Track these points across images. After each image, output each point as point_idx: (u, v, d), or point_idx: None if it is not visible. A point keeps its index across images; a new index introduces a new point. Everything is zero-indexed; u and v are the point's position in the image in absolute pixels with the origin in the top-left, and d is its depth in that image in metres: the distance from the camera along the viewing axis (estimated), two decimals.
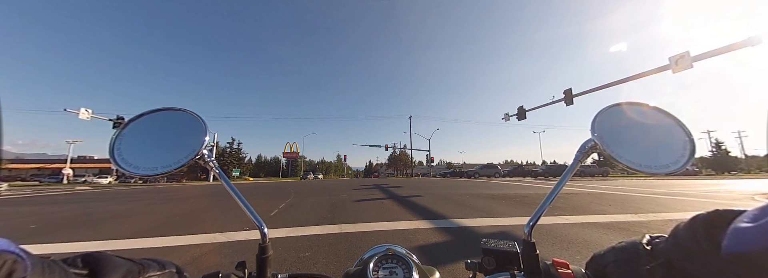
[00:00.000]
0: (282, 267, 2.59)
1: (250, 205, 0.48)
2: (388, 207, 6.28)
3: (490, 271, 0.45)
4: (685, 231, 0.29)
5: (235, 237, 3.71)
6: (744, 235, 0.22)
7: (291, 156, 41.55)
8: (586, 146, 0.45)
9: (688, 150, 0.41)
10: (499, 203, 6.71)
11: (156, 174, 0.43)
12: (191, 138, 0.46)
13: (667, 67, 9.83)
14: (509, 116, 19.44)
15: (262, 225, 0.47)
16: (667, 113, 0.45)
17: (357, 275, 0.47)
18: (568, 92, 14.52)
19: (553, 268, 0.39)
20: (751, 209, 0.24)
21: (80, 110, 16.24)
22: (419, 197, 8.33)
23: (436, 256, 2.84)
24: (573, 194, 8.57)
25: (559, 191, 0.46)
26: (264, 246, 0.45)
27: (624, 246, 0.35)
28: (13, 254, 0.19)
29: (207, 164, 0.46)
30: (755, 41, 7.77)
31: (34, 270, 0.20)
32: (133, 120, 0.47)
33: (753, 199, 8.03)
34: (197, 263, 2.79)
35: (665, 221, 4.61)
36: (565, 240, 3.38)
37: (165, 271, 0.33)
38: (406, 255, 0.51)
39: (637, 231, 3.91)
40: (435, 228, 4.08)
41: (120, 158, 0.43)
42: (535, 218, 0.45)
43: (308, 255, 2.92)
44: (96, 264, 0.27)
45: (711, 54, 8.88)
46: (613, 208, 5.92)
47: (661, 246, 0.31)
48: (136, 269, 0.29)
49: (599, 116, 0.45)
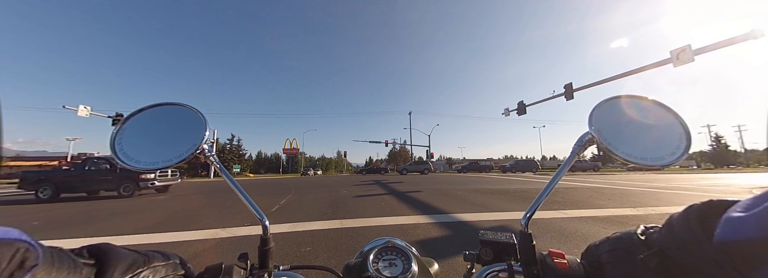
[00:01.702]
0: (284, 261, 2.60)
1: (252, 199, 0.49)
2: (389, 203, 6.32)
3: (487, 262, 0.45)
4: (679, 221, 0.29)
5: (237, 232, 3.74)
6: (736, 224, 0.23)
7: (291, 153, 41.61)
8: (584, 140, 0.45)
9: (684, 143, 0.41)
10: (499, 198, 6.75)
11: (157, 168, 0.43)
12: (192, 133, 0.46)
13: (668, 61, 9.78)
14: (509, 111, 19.43)
15: (263, 219, 0.47)
16: (664, 106, 0.45)
17: (357, 266, 0.48)
18: (568, 86, 14.48)
19: (549, 258, 0.40)
20: (745, 199, 0.24)
21: (79, 107, 16.20)
22: (419, 192, 8.38)
23: (435, 249, 2.88)
24: (572, 189, 8.62)
25: (556, 183, 0.47)
26: (266, 238, 0.46)
27: (619, 236, 0.36)
28: (25, 243, 0.21)
29: (208, 159, 0.47)
30: (757, 34, 7.72)
31: (44, 258, 0.21)
32: (134, 115, 0.47)
33: (751, 192, 8.03)
34: (200, 257, 2.82)
35: (663, 214, 4.65)
36: (564, 233, 3.41)
37: (169, 262, 0.34)
38: (406, 247, 0.52)
39: (635, 225, 3.94)
40: (434, 223, 4.11)
41: (121, 152, 0.43)
42: (532, 210, 0.45)
43: (309, 249, 2.95)
44: (102, 254, 0.28)
45: (712, 47, 8.82)
46: (611, 202, 5.96)
47: (656, 236, 0.32)
48: (141, 259, 0.30)
49: (597, 110, 0.45)
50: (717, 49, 8.75)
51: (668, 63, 9.82)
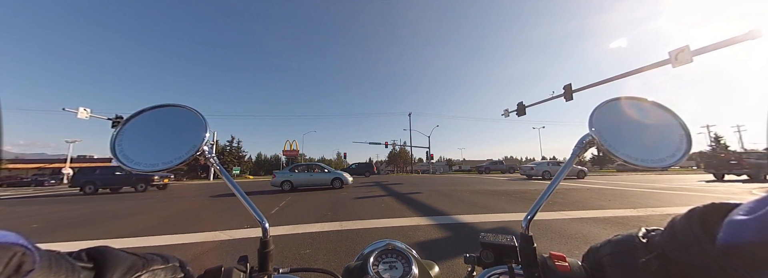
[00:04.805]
0: (283, 263, 2.58)
1: (252, 201, 0.49)
2: (389, 204, 6.31)
3: (488, 264, 0.45)
4: (682, 224, 0.29)
5: (237, 234, 3.73)
6: (739, 227, 0.23)
7: (291, 154, 41.45)
8: (584, 141, 0.45)
9: (685, 144, 0.41)
10: (499, 200, 6.74)
11: (157, 170, 0.43)
12: (191, 134, 0.46)
13: (667, 62, 9.79)
14: (509, 112, 19.40)
15: (263, 221, 0.47)
16: (664, 107, 0.45)
17: (357, 269, 0.48)
18: (567, 87, 14.48)
19: (550, 261, 0.40)
20: (747, 202, 0.24)
21: (79, 110, 16.17)
22: (419, 194, 8.36)
23: (435, 252, 2.87)
24: (572, 190, 8.61)
25: (557, 186, 0.47)
26: (265, 240, 0.46)
27: (620, 238, 0.36)
28: (22, 247, 0.20)
29: (208, 160, 0.47)
30: (755, 34, 7.73)
31: (41, 262, 0.21)
32: (134, 117, 0.47)
33: (751, 193, 8.07)
34: (199, 260, 2.81)
35: (663, 215, 4.64)
36: (564, 234, 3.40)
37: (168, 265, 0.33)
38: (406, 249, 0.52)
39: (635, 226, 3.89)
40: (434, 225, 4.10)
41: (121, 154, 0.43)
42: (533, 212, 0.45)
43: (309, 251, 2.94)
44: (101, 257, 0.27)
45: (711, 48, 8.83)
46: (612, 203, 5.95)
47: (657, 239, 0.32)
48: (140, 262, 0.30)
49: (597, 111, 0.45)
50: (716, 50, 8.77)
51: (667, 64, 9.82)
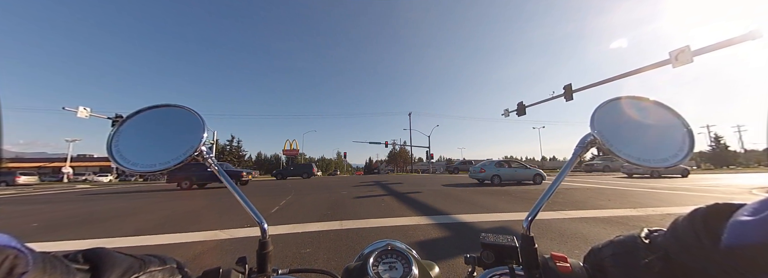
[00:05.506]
0: (283, 263, 2.60)
1: (250, 201, 0.48)
2: (389, 204, 6.31)
3: (489, 265, 0.45)
4: (685, 225, 0.29)
5: (237, 234, 3.73)
6: (743, 228, 0.22)
7: (291, 154, 41.50)
8: (585, 141, 0.45)
9: (687, 144, 0.41)
10: (500, 199, 6.74)
11: (154, 171, 0.42)
12: (189, 135, 0.45)
13: (667, 62, 9.79)
14: (509, 112, 19.41)
15: (262, 221, 0.47)
16: (666, 106, 0.45)
17: (357, 270, 0.48)
18: (568, 87, 14.49)
19: (551, 262, 0.39)
20: (751, 202, 0.24)
21: (78, 109, 16.17)
22: (419, 193, 8.36)
23: (435, 252, 2.87)
24: (573, 190, 8.61)
25: (558, 186, 0.46)
26: (264, 241, 0.45)
27: (622, 239, 0.35)
28: (14, 249, 0.20)
29: (206, 161, 0.46)
30: (756, 35, 7.73)
31: (35, 265, 0.20)
32: (131, 117, 0.46)
33: (751, 193, 8.07)
34: (199, 260, 2.81)
35: (664, 215, 4.65)
36: (564, 234, 3.40)
37: (166, 266, 0.33)
38: (406, 250, 0.52)
39: (635, 226, 3.94)
40: (434, 224, 4.10)
41: (118, 155, 0.42)
42: (534, 212, 0.45)
43: (309, 251, 2.94)
44: (97, 259, 0.27)
45: (711, 48, 8.83)
46: (612, 203, 5.96)
47: (660, 240, 0.31)
48: (137, 264, 0.29)
49: (598, 111, 0.45)
50: (716, 50, 8.77)
51: (667, 64, 9.83)
